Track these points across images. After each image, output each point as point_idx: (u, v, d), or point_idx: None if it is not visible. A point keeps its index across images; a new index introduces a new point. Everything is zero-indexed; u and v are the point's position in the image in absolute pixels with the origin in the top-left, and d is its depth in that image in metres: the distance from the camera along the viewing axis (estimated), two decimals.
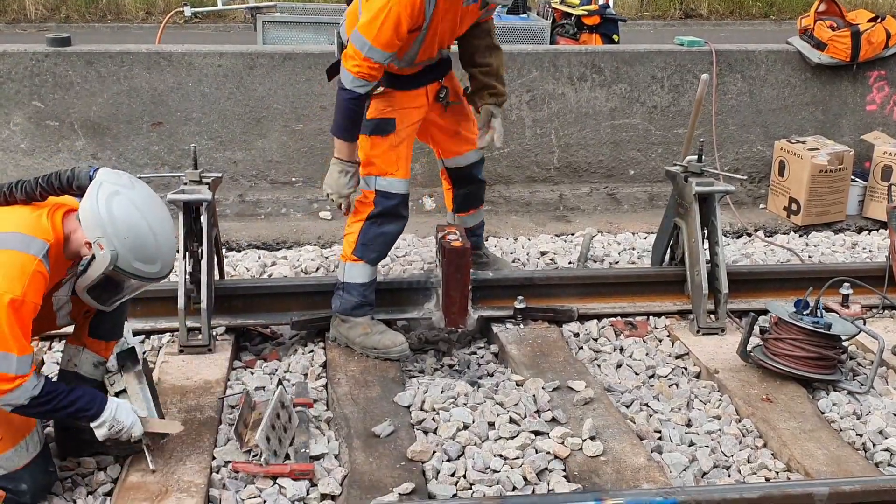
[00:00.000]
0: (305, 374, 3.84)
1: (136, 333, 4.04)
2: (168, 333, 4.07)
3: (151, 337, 4.08)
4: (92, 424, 2.91)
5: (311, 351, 4.04)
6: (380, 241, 3.95)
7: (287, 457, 3.18)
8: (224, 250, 4.65)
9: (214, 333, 3.97)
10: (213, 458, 3.17)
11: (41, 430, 2.97)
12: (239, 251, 5.26)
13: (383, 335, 3.93)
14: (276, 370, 3.86)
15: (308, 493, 3.01)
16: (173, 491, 2.95)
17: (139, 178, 4.91)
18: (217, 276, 4.20)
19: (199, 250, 3.94)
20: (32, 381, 2.71)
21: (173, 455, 3.14)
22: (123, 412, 2.95)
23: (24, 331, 2.68)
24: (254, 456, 3.15)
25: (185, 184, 3.96)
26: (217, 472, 3.12)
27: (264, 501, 2.97)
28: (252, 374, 3.82)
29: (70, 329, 3.21)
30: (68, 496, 3.00)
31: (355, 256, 3.94)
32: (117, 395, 3.12)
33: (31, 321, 2.71)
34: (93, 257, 2.77)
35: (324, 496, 3.01)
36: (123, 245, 2.74)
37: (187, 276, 3.91)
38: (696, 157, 4.34)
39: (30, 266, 2.67)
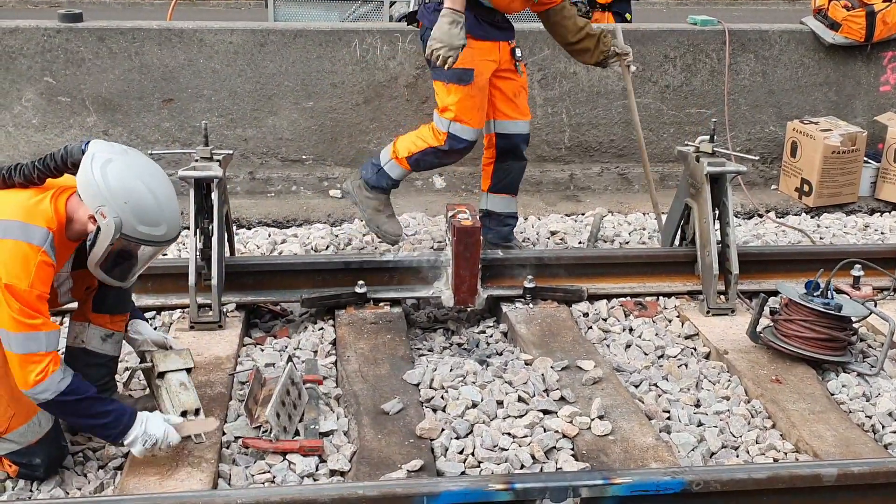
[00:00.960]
0: (315, 352, 3.85)
1: (147, 309, 4.07)
2: (178, 310, 4.08)
3: (162, 313, 4.10)
4: (125, 442, 2.86)
5: (321, 328, 4.05)
6: (432, 166, 4.50)
7: (297, 433, 3.20)
8: (234, 227, 4.65)
9: (225, 310, 3.98)
10: (224, 433, 3.19)
11: None
12: (249, 228, 5.28)
13: (389, 221, 4.49)
14: (286, 347, 3.87)
15: (317, 469, 3.03)
16: (183, 465, 2.97)
17: (149, 154, 4.94)
18: (227, 254, 4.21)
19: (210, 227, 3.95)
20: (59, 374, 2.69)
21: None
22: (154, 424, 2.87)
23: (40, 313, 2.67)
24: (264, 432, 3.17)
25: (196, 160, 3.97)
26: (227, 448, 3.14)
27: (274, 477, 2.99)
28: (262, 350, 3.84)
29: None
30: (80, 470, 3.03)
31: (407, 162, 4.38)
32: (162, 375, 3.13)
33: (43, 306, 2.69)
34: (98, 230, 2.72)
35: (333, 472, 3.03)
36: (125, 210, 2.69)
37: (198, 253, 3.92)
38: (707, 136, 4.32)
39: (34, 257, 2.65)
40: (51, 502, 2.76)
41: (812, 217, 5.75)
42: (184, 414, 3.06)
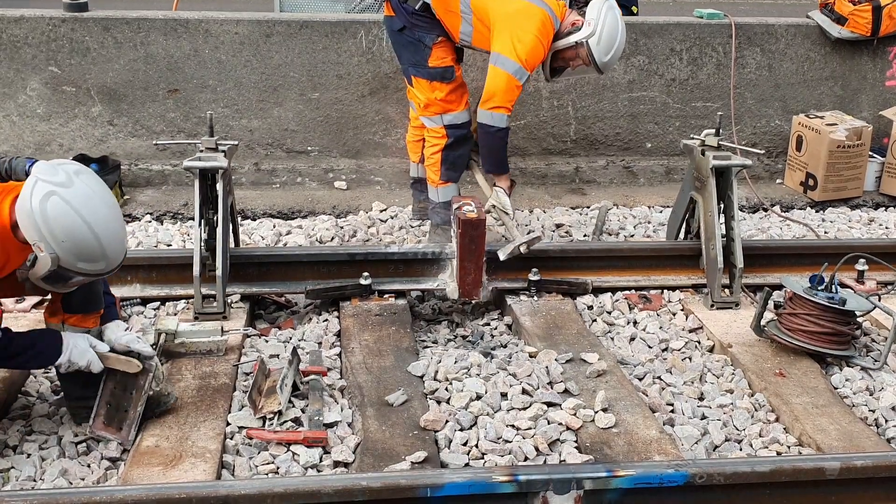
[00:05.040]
0: (319, 343, 3.85)
1: (151, 300, 4.09)
2: (183, 300, 4.09)
3: (166, 304, 4.10)
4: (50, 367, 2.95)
5: (326, 320, 4.06)
6: (459, 162, 4.69)
7: (300, 424, 3.20)
8: (239, 218, 4.66)
9: (229, 301, 3.99)
10: (228, 424, 3.20)
11: None
12: (254, 220, 5.28)
13: None
14: (291, 338, 3.88)
15: (321, 461, 3.04)
16: (187, 456, 2.98)
17: (154, 144, 4.91)
18: (232, 244, 4.21)
19: (215, 218, 3.95)
20: None
21: (187, 421, 3.17)
22: (78, 353, 2.95)
23: None
24: (268, 422, 3.17)
25: (201, 151, 3.97)
26: (231, 439, 3.14)
27: (278, 468, 3.00)
28: (266, 341, 3.84)
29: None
30: (83, 461, 3.03)
31: (443, 180, 4.68)
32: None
33: None
34: (36, 257, 2.70)
35: (337, 463, 3.03)
36: (62, 248, 2.66)
37: (203, 244, 3.92)
38: (713, 130, 4.31)
39: None
40: (53, 492, 2.73)
41: (817, 211, 5.74)
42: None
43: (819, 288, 3.75)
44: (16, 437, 3.12)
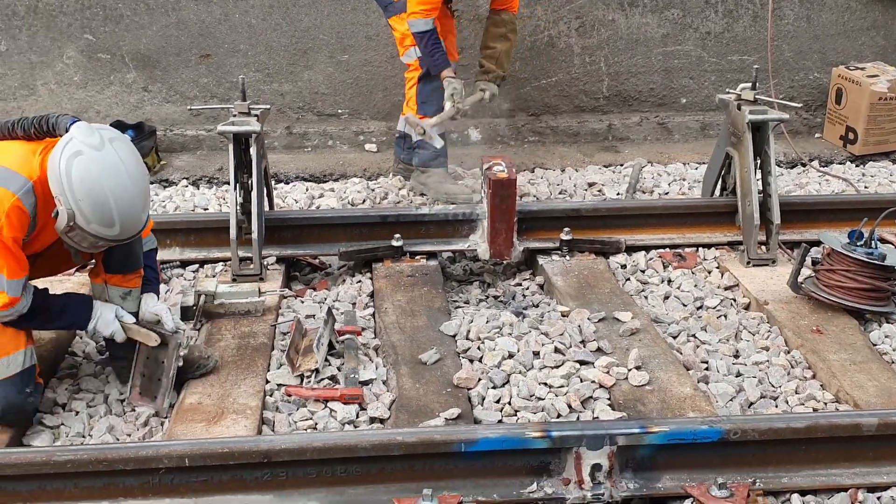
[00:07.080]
0: (353, 304, 3.89)
1: (190, 262, 4.15)
2: (221, 263, 4.15)
3: (205, 266, 4.17)
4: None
5: (359, 281, 4.09)
6: (435, 96, 4.67)
7: (337, 381, 3.26)
8: (273, 182, 4.69)
9: (265, 263, 4.04)
10: (267, 381, 3.26)
11: (31, 355, 2.99)
12: (287, 183, 5.31)
13: (454, 185, 4.86)
14: (326, 299, 3.92)
15: (357, 417, 3.09)
16: (229, 413, 3.05)
17: (189, 109, 4.94)
18: (267, 208, 4.25)
19: (249, 182, 3.98)
20: (23, 303, 2.87)
21: (228, 379, 3.24)
22: (104, 323, 3.04)
23: (8, 256, 2.77)
24: (305, 380, 3.23)
25: (234, 115, 4.00)
26: (270, 396, 3.21)
27: (316, 424, 3.06)
28: (302, 302, 3.89)
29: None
30: (129, 417, 3.12)
31: (420, 114, 4.70)
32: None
33: (18, 250, 2.80)
34: (58, 210, 2.80)
35: (373, 419, 3.08)
36: (78, 207, 2.74)
37: (238, 208, 3.97)
38: (749, 84, 4.24)
39: (6, 202, 2.75)
40: (102, 447, 2.79)
41: (857, 166, 5.63)
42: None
43: (858, 243, 3.70)
44: (64, 396, 3.22)
